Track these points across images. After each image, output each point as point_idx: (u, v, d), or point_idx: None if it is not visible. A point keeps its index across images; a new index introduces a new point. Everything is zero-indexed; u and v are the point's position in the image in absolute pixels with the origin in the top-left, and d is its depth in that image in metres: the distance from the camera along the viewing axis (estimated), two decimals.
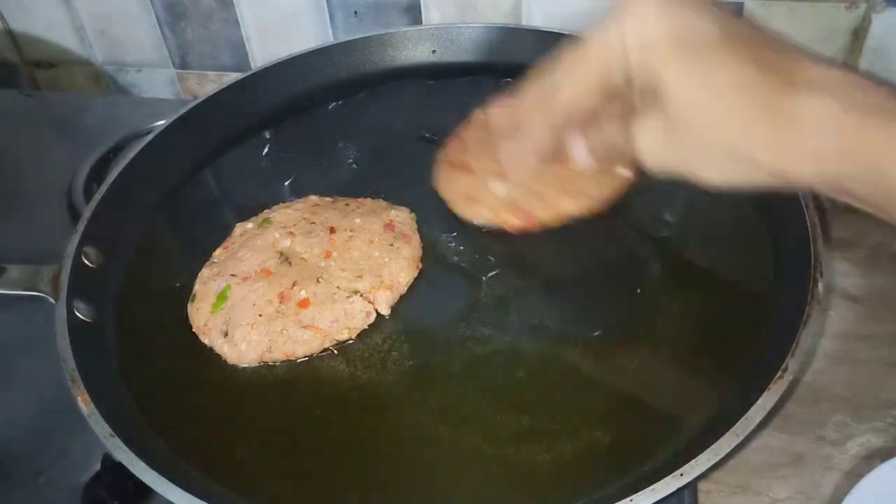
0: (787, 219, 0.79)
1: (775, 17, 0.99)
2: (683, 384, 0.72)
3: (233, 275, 0.80)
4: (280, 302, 0.77)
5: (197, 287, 0.81)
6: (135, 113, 1.22)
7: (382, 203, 0.89)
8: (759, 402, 0.62)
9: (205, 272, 0.82)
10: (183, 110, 0.99)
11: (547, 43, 1.03)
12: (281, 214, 0.87)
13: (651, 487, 0.57)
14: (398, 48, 1.09)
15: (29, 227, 1.05)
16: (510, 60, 1.03)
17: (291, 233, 0.83)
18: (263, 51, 1.25)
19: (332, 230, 0.83)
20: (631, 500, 0.57)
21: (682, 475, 0.58)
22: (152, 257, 0.88)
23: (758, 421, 0.62)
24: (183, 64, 1.31)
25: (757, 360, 0.70)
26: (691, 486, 0.70)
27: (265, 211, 0.88)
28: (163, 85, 1.35)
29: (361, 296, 0.78)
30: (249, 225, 0.87)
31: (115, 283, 0.83)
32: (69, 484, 0.74)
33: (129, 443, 0.63)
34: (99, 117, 1.25)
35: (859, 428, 0.78)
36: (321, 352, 0.76)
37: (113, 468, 0.71)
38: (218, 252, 0.85)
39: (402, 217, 0.87)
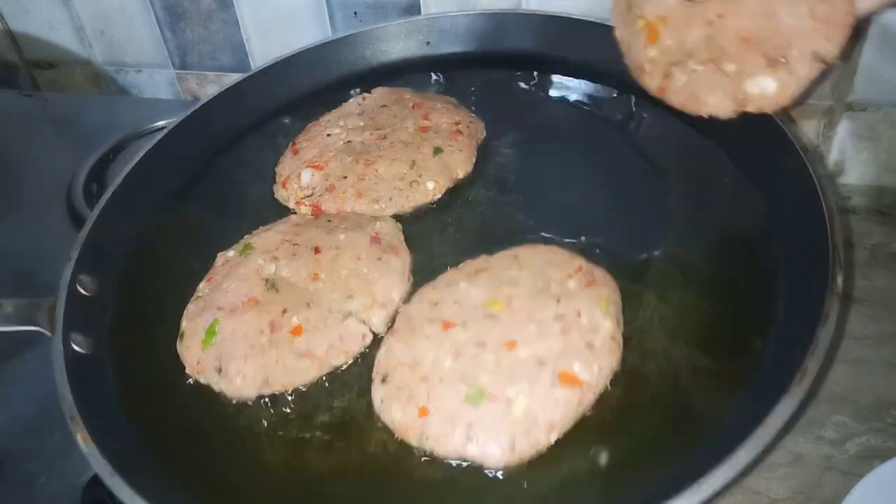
0: (802, 204, 0.76)
1: None
2: (693, 388, 0.70)
3: (219, 308, 0.76)
4: (272, 332, 0.74)
5: (184, 324, 0.78)
6: (134, 113, 1.23)
7: (365, 215, 0.87)
8: (779, 408, 0.59)
9: (191, 308, 0.79)
10: (170, 125, 0.98)
11: (543, 27, 1.08)
12: (262, 239, 0.83)
13: None
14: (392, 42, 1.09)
15: (29, 227, 1.05)
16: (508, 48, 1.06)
17: (275, 257, 0.80)
18: (263, 51, 1.25)
19: (316, 250, 0.80)
20: None
21: (700, 489, 0.55)
22: (145, 284, 0.84)
23: (777, 428, 0.58)
24: (183, 64, 1.31)
25: (770, 361, 0.68)
26: None
27: (246, 236, 0.85)
28: (162, 85, 1.35)
29: (355, 317, 0.76)
30: (231, 253, 0.83)
31: (111, 313, 0.80)
32: (69, 484, 0.74)
33: (130, 480, 0.61)
34: (98, 117, 1.25)
35: (859, 428, 0.78)
36: (318, 380, 0.73)
37: None
38: (202, 285, 0.81)
39: (388, 228, 0.85)
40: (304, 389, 0.73)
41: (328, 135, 0.96)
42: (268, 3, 1.20)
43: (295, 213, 0.90)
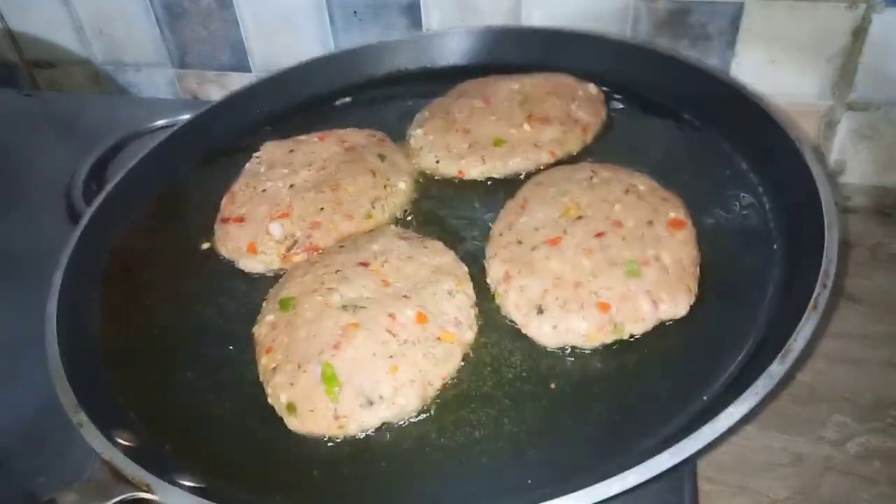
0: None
1: (776, 17, 0.99)
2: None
3: (319, 353, 0.69)
4: (395, 334, 0.70)
5: (283, 400, 0.68)
6: (134, 112, 1.23)
7: (366, 232, 0.85)
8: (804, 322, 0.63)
9: (276, 381, 0.69)
10: None
11: (537, 42, 1.09)
12: (296, 286, 0.76)
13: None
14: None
15: (28, 226, 1.05)
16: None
17: (330, 288, 0.75)
18: (263, 51, 1.25)
19: (364, 264, 0.77)
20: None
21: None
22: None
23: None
24: (182, 63, 1.31)
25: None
26: (691, 485, 0.70)
27: (267, 299, 0.79)
28: (162, 84, 1.35)
29: (458, 293, 0.75)
30: (270, 318, 0.75)
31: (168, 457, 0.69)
32: (69, 484, 0.74)
33: None
34: (98, 117, 1.25)
35: (859, 428, 0.78)
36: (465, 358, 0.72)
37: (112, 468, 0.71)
38: (265, 360, 0.72)
39: (399, 229, 0.85)
40: (455, 379, 0.71)
41: (263, 190, 0.90)
42: (268, 2, 1.19)
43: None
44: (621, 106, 1.00)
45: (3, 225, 1.05)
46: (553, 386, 0.69)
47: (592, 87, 1.00)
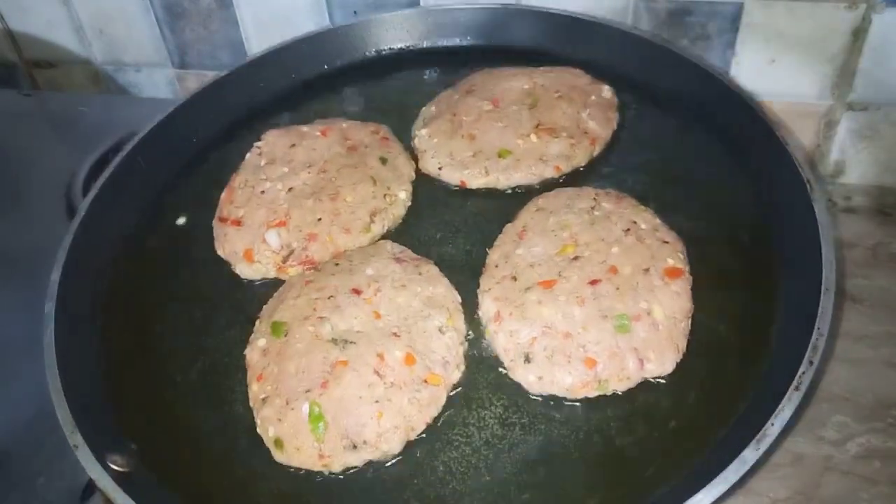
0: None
1: (775, 17, 0.99)
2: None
3: (306, 391, 0.69)
4: (382, 377, 0.69)
5: (270, 433, 0.69)
6: (134, 112, 1.22)
7: (364, 247, 0.84)
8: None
9: (265, 413, 0.70)
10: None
11: (542, 23, 1.08)
12: (288, 310, 0.76)
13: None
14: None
15: (28, 226, 1.05)
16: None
17: (321, 317, 0.74)
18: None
19: (356, 292, 0.76)
20: None
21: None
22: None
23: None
24: (182, 63, 1.31)
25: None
26: None
27: (264, 310, 0.79)
28: (162, 84, 1.35)
29: (448, 329, 0.74)
30: (262, 342, 0.75)
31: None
32: (69, 484, 0.74)
33: None
34: (98, 117, 1.25)
35: (859, 428, 0.78)
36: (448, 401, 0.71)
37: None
38: (255, 387, 0.73)
39: (395, 248, 0.83)
40: (439, 421, 0.71)
41: (262, 192, 0.89)
42: (268, 2, 1.19)
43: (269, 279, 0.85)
44: (633, 108, 0.98)
45: (2, 225, 1.05)
46: (532, 437, 0.69)
47: (607, 91, 0.97)
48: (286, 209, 0.86)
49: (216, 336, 0.80)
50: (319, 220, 0.85)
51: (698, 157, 0.91)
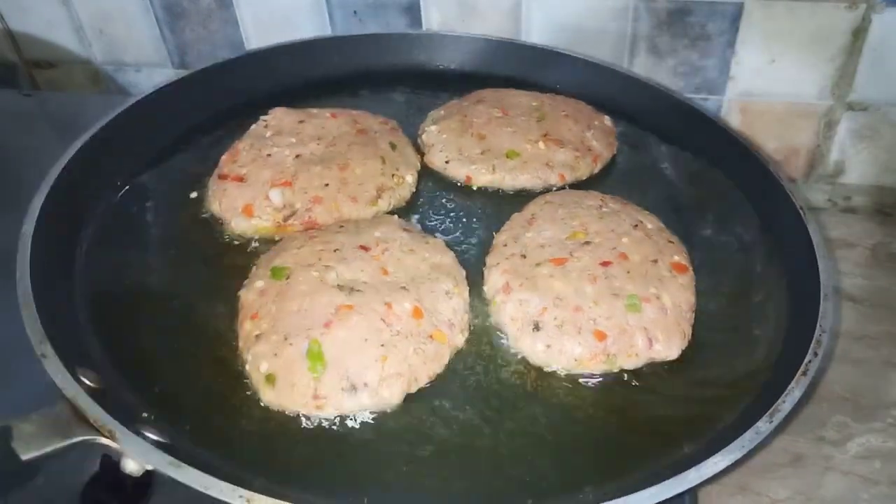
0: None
1: (775, 17, 0.99)
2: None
3: (308, 329, 0.66)
4: (388, 324, 0.68)
5: (264, 368, 0.66)
6: None
7: (367, 219, 0.84)
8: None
9: (257, 350, 0.67)
10: None
11: (536, 59, 1.09)
12: (291, 256, 0.74)
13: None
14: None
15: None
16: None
17: (327, 265, 0.72)
18: None
19: (364, 248, 0.75)
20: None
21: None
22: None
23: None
24: (182, 63, 1.31)
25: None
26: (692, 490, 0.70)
27: (262, 258, 0.77)
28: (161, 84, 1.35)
29: (454, 296, 0.73)
30: (260, 283, 0.73)
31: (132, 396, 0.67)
32: (69, 484, 0.74)
33: None
34: (98, 117, 1.25)
35: (859, 428, 0.78)
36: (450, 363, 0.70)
37: (112, 468, 0.71)
38: (248, 325, 0.70)
39: (403, 222, 0.83)
40: (439, 381, 0.69)
41: (268, 154, 0.87)
42: (268, 2, 1.19)
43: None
44: (632, 139, 1.00)
45: (2, 224, 1.05)
46: (535, 409, 0.68)
47: (608, 120, 1.00)
48: (293, 171, 0.85)
49: (211, 280, 0.78)
50: (327, 185, 0.84)
51: (692, 182, 0.93)
